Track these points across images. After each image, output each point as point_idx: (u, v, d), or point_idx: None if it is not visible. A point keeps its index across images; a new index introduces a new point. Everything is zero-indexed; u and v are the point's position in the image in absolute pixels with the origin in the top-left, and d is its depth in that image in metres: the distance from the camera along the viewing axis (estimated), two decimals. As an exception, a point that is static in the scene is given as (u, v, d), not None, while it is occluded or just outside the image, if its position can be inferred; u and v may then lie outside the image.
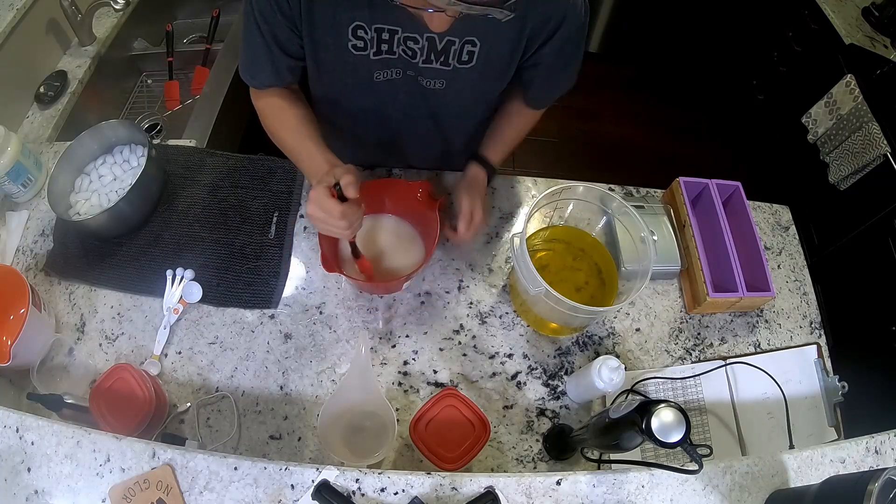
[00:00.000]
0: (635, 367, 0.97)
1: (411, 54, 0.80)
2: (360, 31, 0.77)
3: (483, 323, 0.99)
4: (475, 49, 0.80)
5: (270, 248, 1.03)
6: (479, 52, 0.80)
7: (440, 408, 0.81)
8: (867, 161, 1.67)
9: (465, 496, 0.68)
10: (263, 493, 0.67)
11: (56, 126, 1.28)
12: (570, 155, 2.52)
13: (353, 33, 0.78)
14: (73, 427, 0.71)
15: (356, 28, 0.77)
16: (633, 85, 2.74)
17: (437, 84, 0.85)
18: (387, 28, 0.77)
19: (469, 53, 0.80)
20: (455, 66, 0.82)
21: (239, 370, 0.93)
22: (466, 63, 0.81)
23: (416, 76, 0.85)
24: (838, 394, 0.96)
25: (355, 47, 0.79)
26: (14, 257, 1.03)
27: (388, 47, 0.79)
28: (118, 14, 1.49)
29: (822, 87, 1.87)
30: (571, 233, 1.04)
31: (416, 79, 0.85)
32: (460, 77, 0.84)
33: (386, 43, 0.79)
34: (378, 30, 0.77)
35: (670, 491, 0.71)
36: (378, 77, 0.85)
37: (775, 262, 1.11)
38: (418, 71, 0.83)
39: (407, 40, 0.78)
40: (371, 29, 0.77)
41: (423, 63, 0.81)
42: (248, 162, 1.13)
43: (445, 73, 0.83)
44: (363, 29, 0.77)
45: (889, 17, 1.82)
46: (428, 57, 0.80)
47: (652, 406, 0.60)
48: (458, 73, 0.83)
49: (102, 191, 1.05)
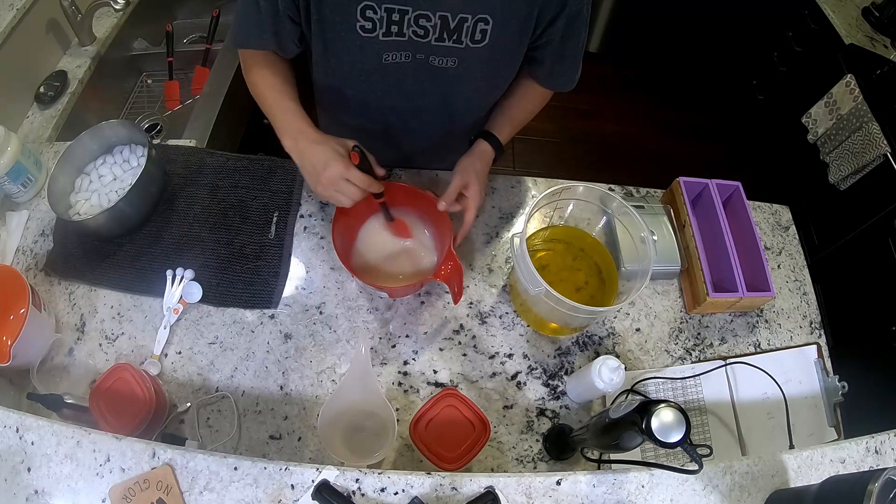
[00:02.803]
0: (635, 367, 0.97)
1: (423, 33, 0.79)
2: (368, 12, 0.77)
3: (483, 323, 0.99)
4: (487, 27, 0.79)
5: (270, 248, 1.03)
6: (492, 30, 0.79)
7: (440, 408, 0.81)
8: (867, 161, 1.67)
9: (465, 496, 0.68)
10: (263, 493, 0.67)
11: (56, 126, 1.28)
12: (570, 155, 2.52)
13: (362, 14, 0.77)
14: (73, 427, 0.71)
15: (365, 8, 0.76)
16: (634, 85, 2.74)
17: (450, 62, 0.84)
18: (397, 8, 0.76)
19: (482, 32, 0.80)
20: (468, 45, 0.81)
21: (239, 370, 0.93)
22: (479, 42, 0.81)
23: (426, 58, 0.83)
24: (838, 394, 0.96)
25: (363, 28, 0.79)
26: (14, 257, 1.03)
27: (397, 28, 0.79)
28: (118, 14, 1.49)
29: (822, 87, 1.87)
30: (571, 233, 1.04)
31: (427, 61, 0.84)
32: (473, 56, 0.83)
33: (396, 24, 0.78)
34: (388, 9, 0.76)
35: (670, 491, 0.71)
36: (386, 59, 0.83)
37: (775, 262, 1.11)
38: (430, 50, 0.82)
39: (419, 19, 0.77)
40: (381, 8, 0.76)
41: (435, 41, 0.80)
42: (248, 162, 1.13)
43: (458, 51, 0.82)
44: (372, 9, 0.76)
45: (889, 17, 1.82)
46: (440, 35, 0.80)
47: (652, 406, 0.59)
48: (471, 52, 0.82)
49: (102, 191, 1.05)
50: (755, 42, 2.30)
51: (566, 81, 0.96)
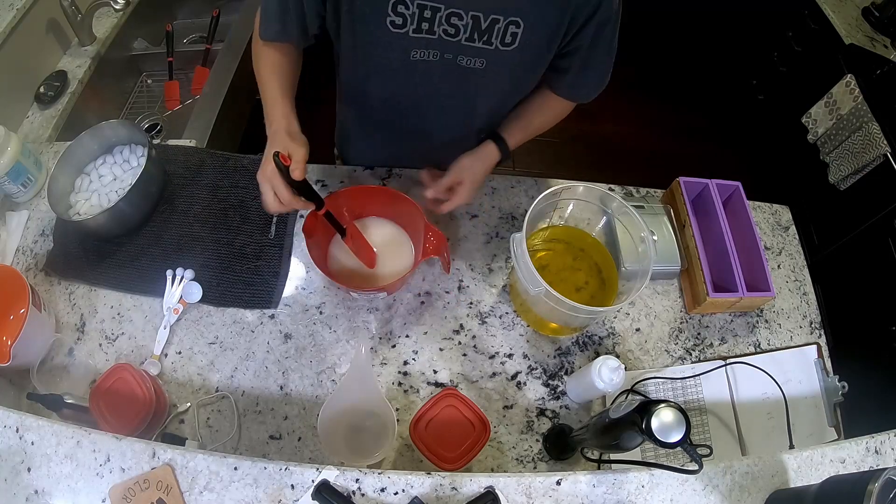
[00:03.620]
0: (635, 367, 0.97)
1: (453, 32, 0.79)
2: (400, 7, 0.76)
3: (483, 323, 0.99)
4: (518, 31, 0.79)
5: (270, 248, 1.03)
6: (522, 33, 0.79)
7: (440, 408, 0.81)
8: (867, 161, 1.67)
9: (465, 496, 0.68)
10: (263, 493, 0.67)
11: (56, 126, 1.28)
12: (570, 155, 2.52)
13: (394, 9, 0.76)
14: (73, 427, 0.71)
15: (396, 4, 0.76)
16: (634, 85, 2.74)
17: (478, 63, 0.83)
18: (430, 5, 0.76)
19: (512, 35, 0.79)
20: (497, 47, 0.80)
21: (239, 370, 0.93)
22: (509, 45, 0.80)
23: (454, 58, 0.83)
24: (838, 394, 0.96)
25: (393, 24, 0.78)
26: (14, 257, 1.03)
27: (428, 26, 0.78)
28: (118, 14, 1.49)
29: (822, 87, 1.87)
30: (571, 233, 1.04)
31: (455, 60, 0.83)
32: (501, 59, 0.82)
33: (427, 21, 0.78)
34: (420, 6, 0.76)
35: (670, 491, 0.71)
36: (414, 56, 0.83)
37: (775, 262, 1.11)
38: (459, 50, 0.82)
39: (450, 17, 0.77)
40: (413, 4, 0.76)
41: (465, 41, 0.80)
42: (248, 162, 1.13)
43: (487, 53, 0.82)
44: (404, 4, 0.76)
45: (889, 17, 1.82)
46: (471, 35, 0.79)
47: (652, 406, 0.59)
48: (500, 55, 0.82)
49: (102, 191, 1.05)
50: (755, 42, 2.30)
51: (587, 92, 0.95)
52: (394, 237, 1.01)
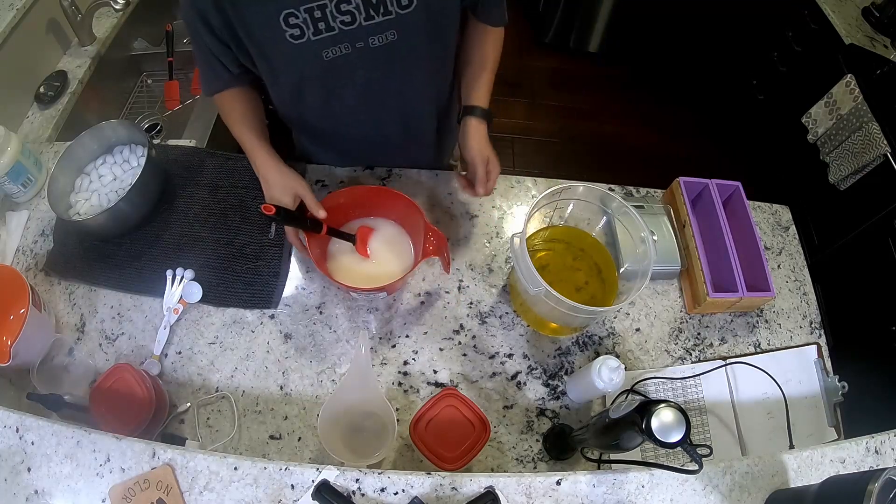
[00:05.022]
0: (635, 367, 0.97)
1: (350, 20, 0.79)
2: (291, 19, 0.77)
3: (483, 323, 0.99)
4: None
5: (270, 248, 1.03)
6: None
7: (440, 408, 0.81)
8: (867, 161, 1.67)
9: (465, 496, 0.68)
10: (263, 493, 0.67)
11: (56, 126, 1.28)
12: (570, 155, 2.52)
13: (286, 22, 0.77)
14: (73, 427, 0.71)
15: (287, 16, 0.77)
16: (633, 85, 2.74)
17: (390, 36, 0.83)
18: (315, 5, 0.76)
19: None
20: (397, 12, 0.80)
21: (239, 370, 0.93)
22: (407, 7, 0.80)
23: (366, 43, 0.83)
24: (838, 394, 0.96)
25: (293, 36, 0.79)
26: (14, 257, 1.03)
27: (324, 24, 0.79)
28: (118, 14, 1.49)
29: (822, 87, 1.87)
30: (571, 233, 1.04)
31: (368, 45, 0.83)
32: (409, 21, 0.82)
33: (321, 21, 0.78)
34: (308, 10, 0.76)
35: (670, 491, 0.71)
36: (328, 55, 0.83)
37: (775, 262, 1.11)
38: (365, 33, 0.81)
39: (339, 7, 0.77)
40: (301, 11, 0.76)
41: (364, 22, 0.80)
42: (248, 162, 1.12)
43: (392, 23, 0.81)
44: (293, 15, 0.77)
45: (889, 17, 1.82)
46: (368, 14, 0.79)
47: (652, 406, 0.59)
48: (406, 19, 0.81)
49: (102, 191, 1.05)
50: (755, 42, 2.30)
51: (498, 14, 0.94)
52: (394, 237, 1.01)
